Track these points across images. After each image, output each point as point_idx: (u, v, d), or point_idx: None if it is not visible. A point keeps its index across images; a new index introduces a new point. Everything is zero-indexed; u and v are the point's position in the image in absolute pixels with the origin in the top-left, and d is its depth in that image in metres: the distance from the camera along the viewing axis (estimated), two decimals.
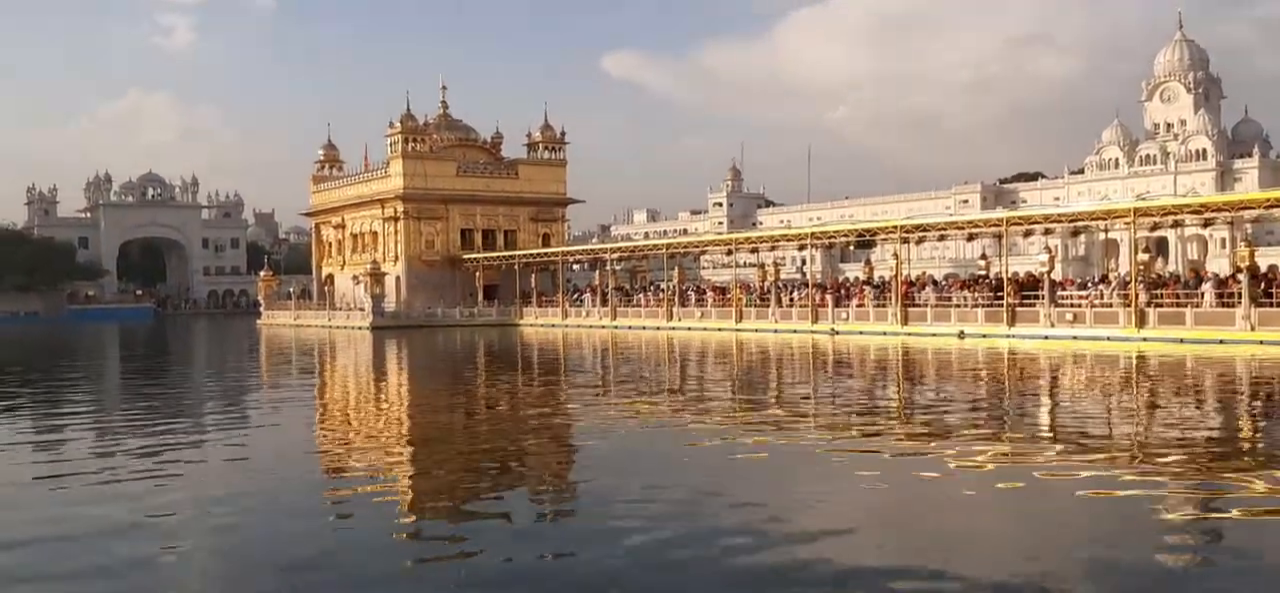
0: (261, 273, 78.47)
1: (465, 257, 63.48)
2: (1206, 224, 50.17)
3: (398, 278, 62.65)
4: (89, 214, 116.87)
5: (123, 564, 8.03)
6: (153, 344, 50.13)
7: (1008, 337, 33.12)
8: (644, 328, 47.05)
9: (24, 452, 14.49)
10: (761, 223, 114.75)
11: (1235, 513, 9.27)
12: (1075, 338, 31.61)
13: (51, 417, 19.13)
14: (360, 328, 56.01)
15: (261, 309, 73.67)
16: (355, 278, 64.54)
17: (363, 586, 7.41)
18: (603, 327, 49.37)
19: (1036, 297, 35.00)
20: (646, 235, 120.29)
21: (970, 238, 46.95)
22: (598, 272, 57.35)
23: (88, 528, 9.28)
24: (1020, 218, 40.76)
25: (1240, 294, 29.70)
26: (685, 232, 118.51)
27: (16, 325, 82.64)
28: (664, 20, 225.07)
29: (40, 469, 12.73)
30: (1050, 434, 14.13)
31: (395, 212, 63.82)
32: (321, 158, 75.74)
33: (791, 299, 44.65)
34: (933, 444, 13.03)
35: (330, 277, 72.28)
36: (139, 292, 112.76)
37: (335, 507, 10.45)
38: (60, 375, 29.59)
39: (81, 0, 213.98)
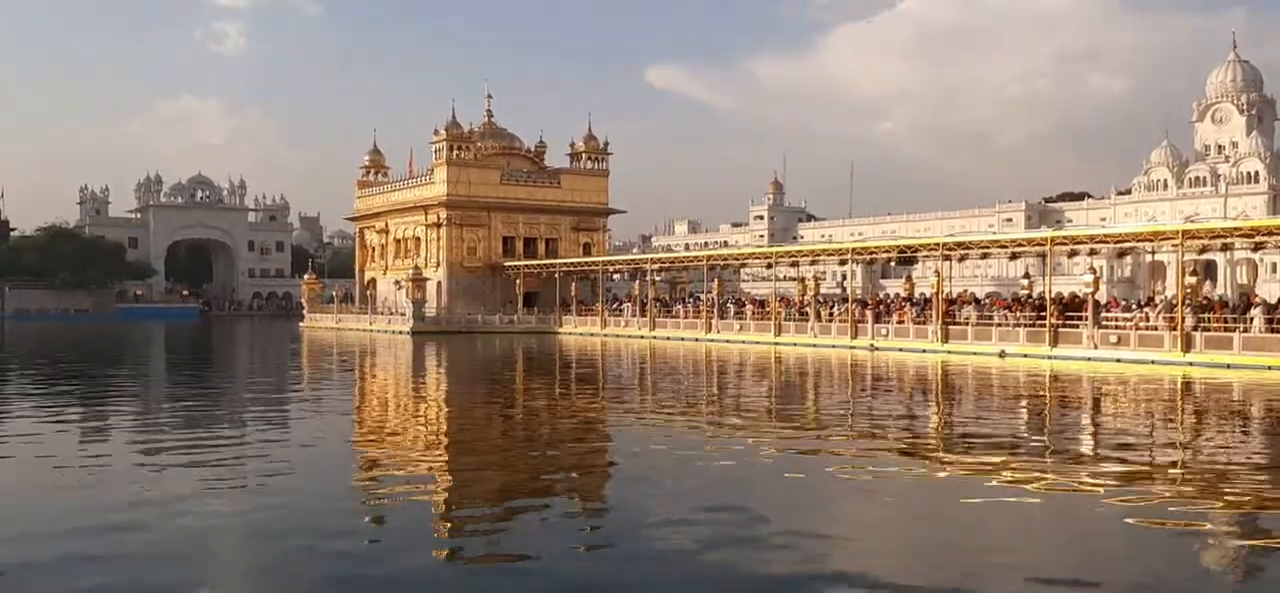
0: (305, 276, 79.38)
1: (506, 264, 63.83)
2: (1257, 248, 49.18)
3: (439, 283, 63.13)
4: (139, 214, 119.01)
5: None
6: (200, 344, 50.91)
7: (1050, 358, 32.74)
8: (682, 339, 47.05)
9: (72, 440, 14.84)
10: (802, 237, 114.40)
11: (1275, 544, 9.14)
12: (1119, 361, 31.18)
13: (104, 415, 19.53)
14: (400, 332, 56.48)
15: (304, 312, 74.53)
16: (397, 283, 65.15)
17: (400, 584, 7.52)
18: (641, 337, 49.44)
19: (1080, 318, 34.60)
20: (687, 246, 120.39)
21: (1013, 257, 46.53)
22: (637, 282, 57.36)
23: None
24: (1065, 238, 40.31)
25: None
26: (726, 244, 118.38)
27: (68, 322, 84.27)
28: (709, 33, 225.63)
29: (93, 463, 13.03)
30: (1097, 458, 13.98)
31: (438, 218, 64.35)
32: (367, 163, 76.55)
33: (831, 314, 44.45)
34: (970, 465, 12.95)
35: (372, 281, 72.99)
36: (185, 292, 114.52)
37: (373, 515, 10.58)
38: (116, 375, 30.17)
39: (139, 6, 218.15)
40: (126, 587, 7.56)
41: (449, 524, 9.82)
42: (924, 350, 36.64)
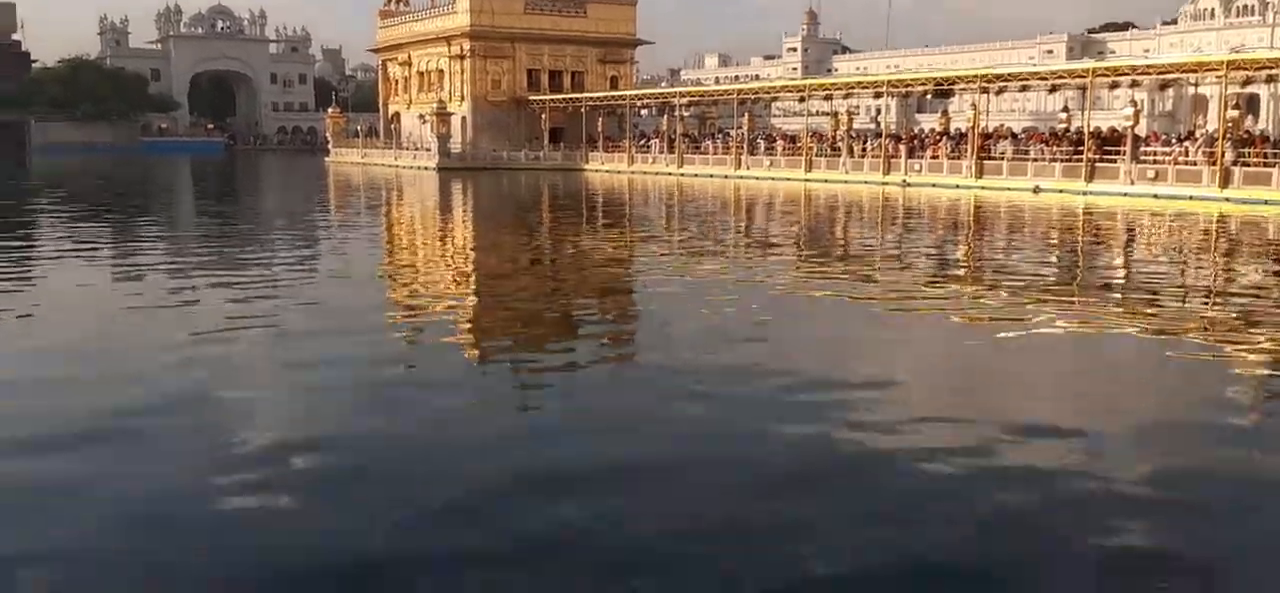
0: (329, 110, 78.79)
1: (531, 98, 63.00)
2: None
3: (464, 118, 62.52)
4: (160, 45, 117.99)
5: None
6: (227, 179, 50.98)
7: (1084, 194, 32.17)
8: (711, 176, 46.59)
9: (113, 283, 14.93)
10: (837, 69, 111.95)
11: None
12: (1156, 196, 30.60)
13: (143, 255, 19.65)
14: (426, 168, 56.31)
15: (330, 147, 74.28)
16: (421, 117, 64.58)
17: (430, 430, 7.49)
18: (669, 174, 48.99)
19: (1118, 153, 33.84)
20: (717, 81, 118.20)
21: (1053, 90, 45.11)
22: (665, 117, 56.54)
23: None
24: (1106, 69, 39.02)
25: None
26: (757, 78, 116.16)
27: (95, 156, 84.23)
28: None
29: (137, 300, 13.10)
30: (1123, 293, 13.74)
31: (462, 49, 63.28)
32: None
33: (863, 149, 43.72)
34: (999, 301, 12.75)
35: (396, 115, 72.43)
36: (210, 126, 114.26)
37: (400, 353, 10.56)
38: (155, 209, 30.33)
39: None
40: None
41: (475, 359, 9.77)
42: (957, 186, 36.11)
